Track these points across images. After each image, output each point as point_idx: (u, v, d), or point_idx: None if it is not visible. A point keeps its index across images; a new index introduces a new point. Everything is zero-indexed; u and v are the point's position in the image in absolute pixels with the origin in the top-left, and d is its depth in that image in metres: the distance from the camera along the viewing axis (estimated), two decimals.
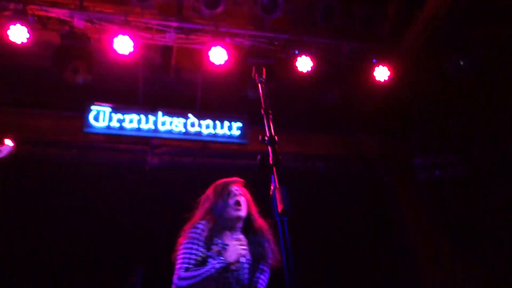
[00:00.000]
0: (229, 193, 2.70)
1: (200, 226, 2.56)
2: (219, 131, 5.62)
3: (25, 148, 5.01)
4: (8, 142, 3.24)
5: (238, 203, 2.64)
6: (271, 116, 2.03)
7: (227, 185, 2.78)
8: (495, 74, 5.53)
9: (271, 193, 1.72)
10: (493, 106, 6.06)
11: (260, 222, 2.70)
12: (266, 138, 1.90)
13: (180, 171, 5.78)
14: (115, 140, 5.52)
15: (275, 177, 1.74)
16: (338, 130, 6.35)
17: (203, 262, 2.40)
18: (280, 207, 1.61)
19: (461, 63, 4.87)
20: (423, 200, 6.06)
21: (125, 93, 5.57)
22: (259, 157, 1.84)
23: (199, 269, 2.37)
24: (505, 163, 6.33)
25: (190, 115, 5.59)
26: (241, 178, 6.02)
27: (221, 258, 2.38)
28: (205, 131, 5.60)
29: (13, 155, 3.25)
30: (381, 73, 5.38)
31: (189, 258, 2.44)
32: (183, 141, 5.63)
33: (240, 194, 2.73)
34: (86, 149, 5.48)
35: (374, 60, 5.39)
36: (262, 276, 2.57)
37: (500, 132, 6.51)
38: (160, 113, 5.51)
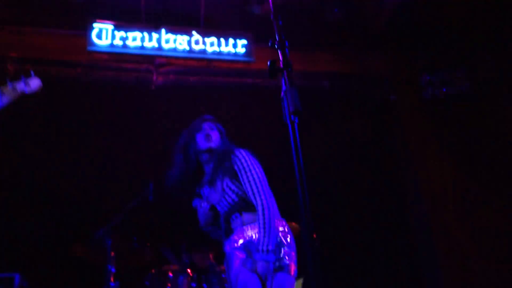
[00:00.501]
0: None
1: None
2: (223, 48, 5.54)
3: (26, 67, 4.97)
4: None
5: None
6: (280, 22, 2.00)
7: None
8: None
9: (281, 95, 1.73)
10: (502, 18, 5.89)
11: None
12: (276, 42, 1.88)
13: (186, 90, 5.76)
14: (119, 58, 5.45)
15: (285, 80, 1.74)
16: (345, 47, 6.22)
17: None
18: (291, 108, 1.63)
19: None
20: (429, 117, 6.07)
21: (127, 10, 5.45)
22: (269, 62, 1.83)
23: None
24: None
25: (194, 32, 5.49)
26: (246, 96, 6.04)
27: None
28: (209, 49, 5.51)
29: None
30: None
31: None
32: (188, 59, 5.56)
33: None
34: (90, 68, 5.43)
35: None
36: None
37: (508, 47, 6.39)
38: (163, 31, 5.40)
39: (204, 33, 5.52)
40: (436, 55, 6.37)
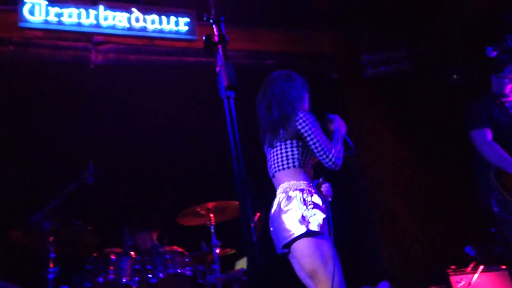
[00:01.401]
0: None
1: None
2: (165, 26, 5.40)
3: None
4: None
5: None
6: None
7: None
8: None
9: (217, 70, 1.71)
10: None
11: None
12: (212, 17, 1.84)
13: (127, 69, 5.60)
14: (55, 36, 5.19)
15: (221, 54, 1.72)
16: (290, 26, 6.24)
17: None
18: (226, 82, 1.62)
19: None
20: (369, 95, 6.24)
21: None
22: (204, 36, 1.80)
23: None
24: (448, 60, 6.57)
25: (134, 9, 5.31)
26: (188, 75, 5.94)
27: None
28: (150, 27, 5.36)
29: None
30: None
31: None
32: (128, 37, 5.38)
33: None
34: (22, 46, 5.14)
35: None
36: None
37: (446, 28, 6.65)
38: (101, 7, 5.19)
39: (145, 10, 5.36)
40: (378, 35, 6.53)
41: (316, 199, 2.59)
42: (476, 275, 4.03)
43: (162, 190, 5.43)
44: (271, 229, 2.70)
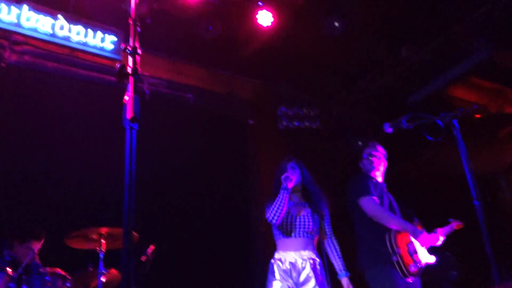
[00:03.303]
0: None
1: None
2: (90, 40, 5.29)
3: None
4: None
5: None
6: (138, 29, 2.03)
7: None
8: (363, 39, 6.04)
9: (124, 101, 1.75)
10: (356, 69, 6.64)
11: None
12: (130, 48, 1.90)
13: (42, 75, 5.38)
14: None
15: (130, 86, 1.77)
16: (214, 65, 6.42)
17: None
18: (130, 115, 1.66)
19: (336, 24, 5.20)
20: (280, 145, 6.50)
21: None
22: (118, 65, 1.84)
23: None
24: (357, 124, 7.08)
25: (60, 16, 5.15)
26: (106, 94, 5.83)
27: None
28: (75, 38, 5.21)
29: None
30: (265, 18, 5.53)
31: None
32: (49, 43, 5.18)
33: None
34: None
35: (260, 3, 5.51)
36: None
37: (359, 96, 7.21)
38: (25, 7, 4.98)
39: (71, 20, 5.22)
40: (296, 92, 6.92)
41: None
42: None
43: (53, 207, 5.11)
44: None
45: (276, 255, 3.51)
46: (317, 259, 3.49)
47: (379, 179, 4.03)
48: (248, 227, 6.30)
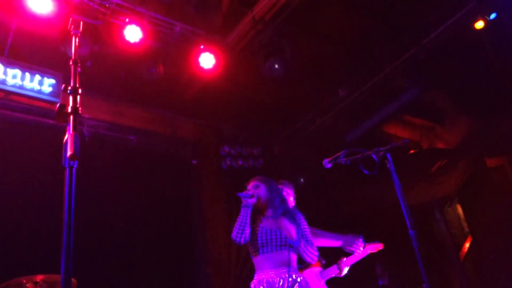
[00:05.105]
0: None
1: None
2: (27, 83, 5.18)
3: None
4: None
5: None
6: (79, 69, 2.04)
7: None
8: (302, 81, 6.32)
9: (63, 141, 1.74)
10: (296, 109, 6.89)
11: None
12: (70, 88, 1.90)
13: None
14: None
15: (71, 125, 1.76)
16: (157, 107, 6.43)
17: None
18: (69, 153, 1.65)
19: (276, 66, 5.41)
20: (223, 184, 6.55)
21: None
22: (58, 104, 1.84)
23: None
24: (297, 165, 7.26)
25: None
26: (45, 137, 5.67)
27: None
28: (10, 81, 5.09)
29: None
30: (207, 61, 5.66)
31: None
32: None
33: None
34: None
35: (202, 46, 5.64)
36: None
37: (300, 135, 7.44)
38: None
39: (8, 63, 5.11)
40: (238, 132, 7.04)
41: None
42: None
43: None
44: None
45: (255, 276, 3.21)
46: (299, 278, 3.12)
47: None
48: (193, 269, 6.18)
